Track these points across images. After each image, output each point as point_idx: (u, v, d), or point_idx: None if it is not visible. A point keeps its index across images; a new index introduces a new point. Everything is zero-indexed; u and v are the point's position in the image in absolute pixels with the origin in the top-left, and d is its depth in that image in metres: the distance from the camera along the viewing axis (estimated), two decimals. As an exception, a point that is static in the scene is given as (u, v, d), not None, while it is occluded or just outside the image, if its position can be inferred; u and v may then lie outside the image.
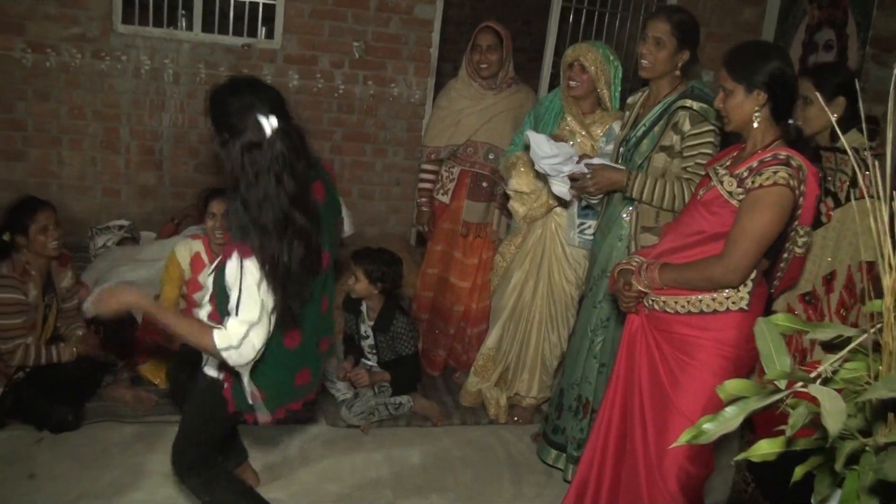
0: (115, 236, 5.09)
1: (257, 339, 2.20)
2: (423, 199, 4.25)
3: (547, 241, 3.77)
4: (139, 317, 3.96)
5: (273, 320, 2.25)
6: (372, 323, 3.90)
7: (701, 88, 3.04)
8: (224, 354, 2.18)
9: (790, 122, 2.42)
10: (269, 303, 2.20)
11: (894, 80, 1.25)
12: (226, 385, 2.43)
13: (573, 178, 3.15)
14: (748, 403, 1.28)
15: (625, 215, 3.18)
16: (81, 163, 5.31)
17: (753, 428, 2.93)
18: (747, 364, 2.49)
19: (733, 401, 1.31)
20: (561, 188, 3.20)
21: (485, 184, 4.09)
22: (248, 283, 2.16)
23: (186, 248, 3.81)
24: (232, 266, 2.18)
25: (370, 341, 3.94)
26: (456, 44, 7.78)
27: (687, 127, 2.98)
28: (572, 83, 3.54)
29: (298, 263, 2.23)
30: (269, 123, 2.17)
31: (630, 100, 3.32)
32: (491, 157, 4.05)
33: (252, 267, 2.16)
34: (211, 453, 2.67)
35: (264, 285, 2.18)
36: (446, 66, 5.97)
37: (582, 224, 3.68)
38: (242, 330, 2.17)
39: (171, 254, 3.82)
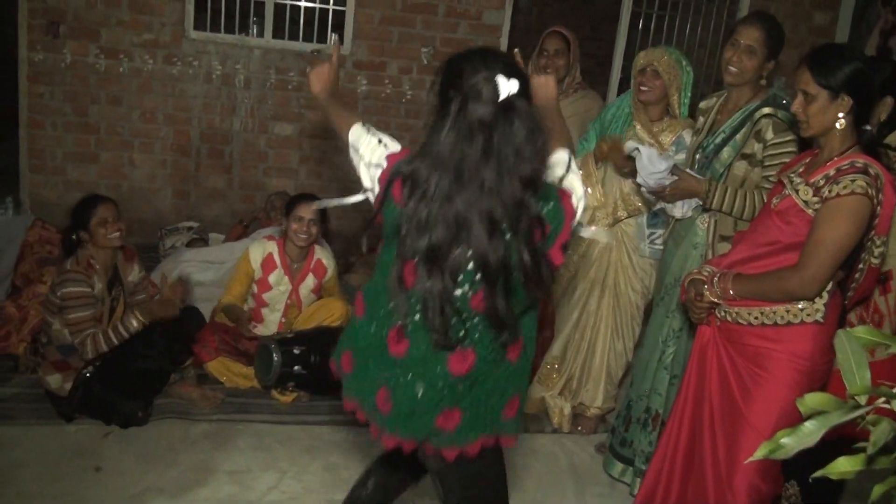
0: (185, 237, 5.20)
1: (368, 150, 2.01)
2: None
3: (613, 251, 3.71)
4: (207, 313, 4.06)
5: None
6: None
7: (782, 97, 2.95)
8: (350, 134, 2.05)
9: (867, 128, 2.32)
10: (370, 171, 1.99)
11: None
12: None
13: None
14: (829, 418, 1.23)
15: (700, 223, 3.11)
16: (152, 165, 5.45)
17: None
18: (821, 378, 2.41)
19: (812, 415, 1.26)
20: (674, 207, 3.15)
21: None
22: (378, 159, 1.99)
23: (260, 249, 3.87)
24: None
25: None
26: (523, 49, 7.75)
27: (770, 135, 2.89)
28: (644, 88, 3.48)
29: (521, 268, 1.85)
30: (508, 85, 1.80)
31: (703, 104, 3.24)
32: (557, 163, 4.01)
33: (383, 163, 1.96)
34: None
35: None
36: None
37: (652, 234, 3.62)
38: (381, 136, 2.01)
39: (245, 253, 3.90)
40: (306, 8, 5.41)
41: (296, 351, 3.70)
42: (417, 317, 1.89)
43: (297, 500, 3.13)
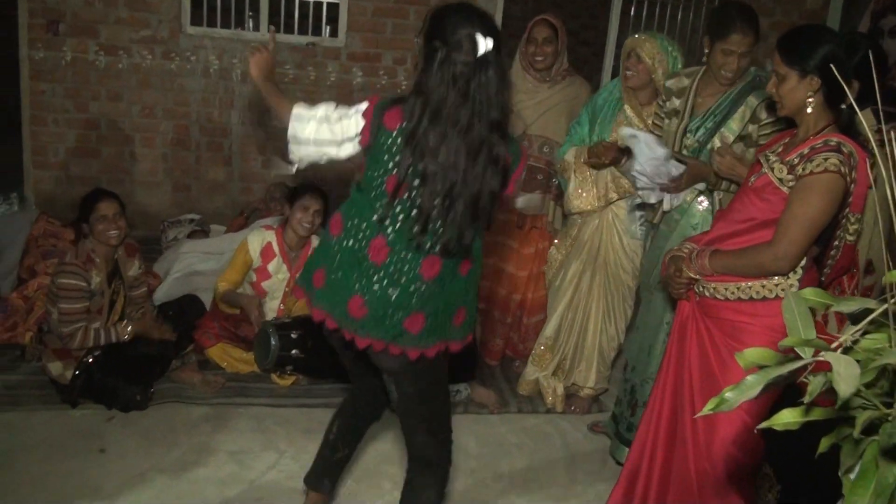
0: (186, 229, 5.29)
1: (314, 126, 2.29)
2: (480, 191, 4.29)
3: (604, 232, 3.78)
4: (208, 301, 4.15)
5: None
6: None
7: (763, 75, 3.03)
8: (290, 124, 2.33)
9: (843, 107, 2.39)
10: (338, 140, 2.27)
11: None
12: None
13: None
14: (769, 372, 1.31)
15: (701, 205, 3.18)
16: (153, 159, 5.55)
17: None
18: (794, 351, 2.48)
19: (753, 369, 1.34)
20: (651, 193, 3.21)
21: (540, 176, 4.10)
22: (354, 111, 2.26)
23: (259, 238, 3.96)
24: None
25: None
26: (518, 39, 7.80)
27: (764, 115, 2.99)
28: (628, 73, 3.56)
29: (487, 195, 2.21)
30: (485, 42, 2.11)
31: (673, 83, 3.27)
32: (546, 149, 4.05)
33: (361, 120, 2.23)
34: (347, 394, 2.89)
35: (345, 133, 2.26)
36: (509, 62, 6.02)
37: (642, 216, 3.69)
38: (319, 111, 2.31)
39: (244, 241, 3.99)
40: (301, 1, 5.50)
41: (293, 335, 3.79)
42: (398, 226, 2.23)
43: (295, 479, 3.20)
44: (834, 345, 1.33)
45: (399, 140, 2.18)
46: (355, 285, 2.27)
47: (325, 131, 2.30)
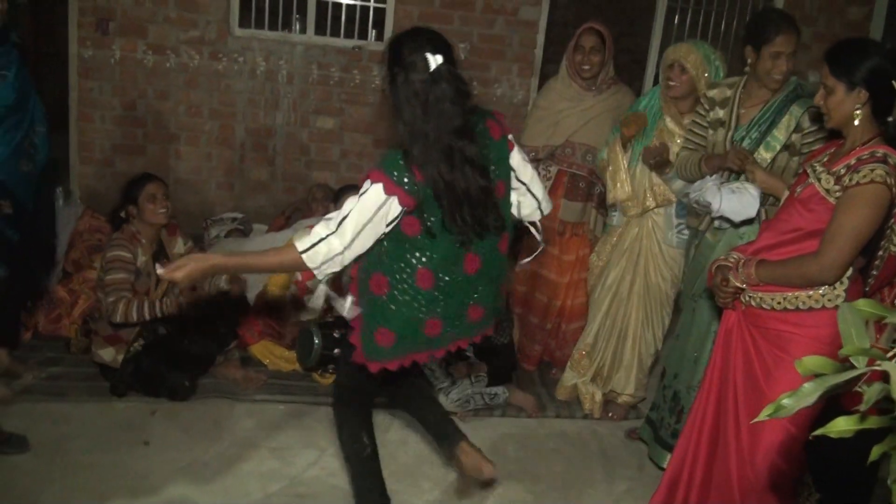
0: (228, 227, 5.35)
1: (330, 248, 2.31)
2: (523, 196, 4.29)
3: (644, 240, 3.78)
4: (251, 299, 4.20)
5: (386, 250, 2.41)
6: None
7: (805, 85, 3.03)
8: (305, 257, 2.33)
9: (889, 119, 2.38)
10: (366, 236, 2.33)
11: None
12: (354, 331, 2.54)
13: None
14: (826, 380, 1.31)
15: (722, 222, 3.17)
16: (197, 158, 5.62)
17: None
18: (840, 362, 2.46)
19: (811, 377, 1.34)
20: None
21: (582, 184, 4.10)
22: (363, 204, 2.29)
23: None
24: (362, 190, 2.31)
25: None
26: (561, 45, 7.79)
27: (807, 124, 2.99)
28: (671, 83, 3.56)
29: (476, 189, 2.35)
30: (435, 59, 2.29)
31: (716, 94, 3.28)
32: (589, 158, 4.05)
33: (374, 193, 2.28)
34: (349, 394, 2.84)
35: (374, 218, 2.30)
36: (551, 68, 6.04)
37: (680, 224, 3.68)
38: (335, 242, 2.31)
39: (289, 241, 4.00)
40: (347, 5, 5.55)
41: (336, 335, 3.81)
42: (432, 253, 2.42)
43: (336, 476, 3.27)
44: (890, 354, 1.33)
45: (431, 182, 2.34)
46: (449, 308, 2.53)
47: (368, 234, 2.33)
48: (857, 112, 2.37)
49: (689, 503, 2.81)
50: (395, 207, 2.30)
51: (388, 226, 2.34)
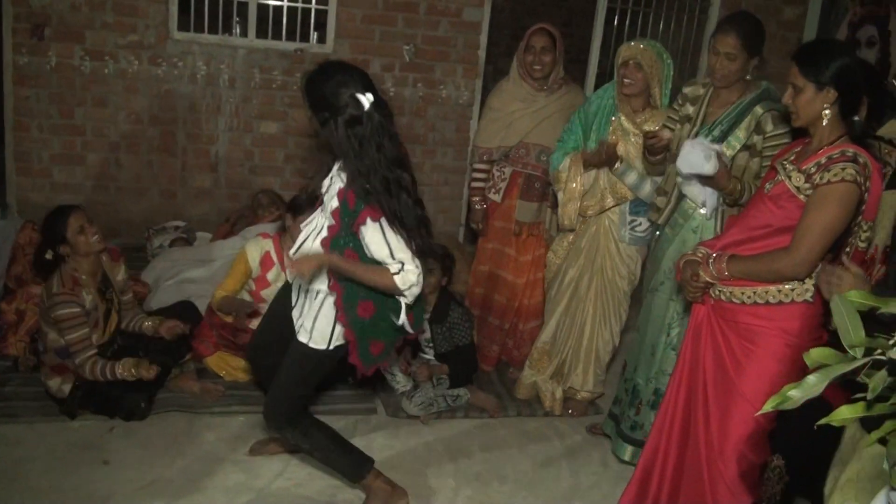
0: (171, 236, 5.23)
1: (416, 272, 2.63)
2: (477, 198, 4.28)
3: (601, 238, 3.82)
4: (202, 308, 4.10)
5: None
6: (428, 316, 3.99)
7: (775, 90, 3.08)
8: (406, 291, 2.63)
9: (855, 118, 2.45)
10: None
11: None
12: (350, 346, 2.79)
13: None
14: (830, 371, 1.34)
15: (704, 210, 3.22)
16: (138, 166, 5.48)
17: None
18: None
19: (816, 368, 1.36)
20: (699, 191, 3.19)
21: (537, 184, 4.12)
22: (389, 235, 2.58)
23: (257, 248, 3.93)
24: (370, 229, 2.59)
25: (426, 335, 4.04)
26: (497, 46, 7.87)
27: (769, 127, 3.04)
28: (627, 81, 3.59)
29: (412, 218, 2.62)
30: (366, 98, 2.48)
31: (689, 91, 3.34)
32: (543, 158, 4.06)
33: (385, 223, 2.57)
34: (304, 405, 3.03)
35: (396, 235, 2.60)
36: (488, 69, 6.07)
37: (633, 221, 3.73)
38: (413, 268, 2.61)
39: (242, 251, 3.94)
40: (289, 7, 5.47)
41: (294, 343, 3.78)
42: None
43: (304, 486, 3.22)
44: (890, 342, 1.37)
45: None
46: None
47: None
48: (826, 111, 2.42)
49: (661, 496, 2.85)
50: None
51: None
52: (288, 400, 2.90)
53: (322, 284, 2.72)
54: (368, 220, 2.56)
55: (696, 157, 2.95)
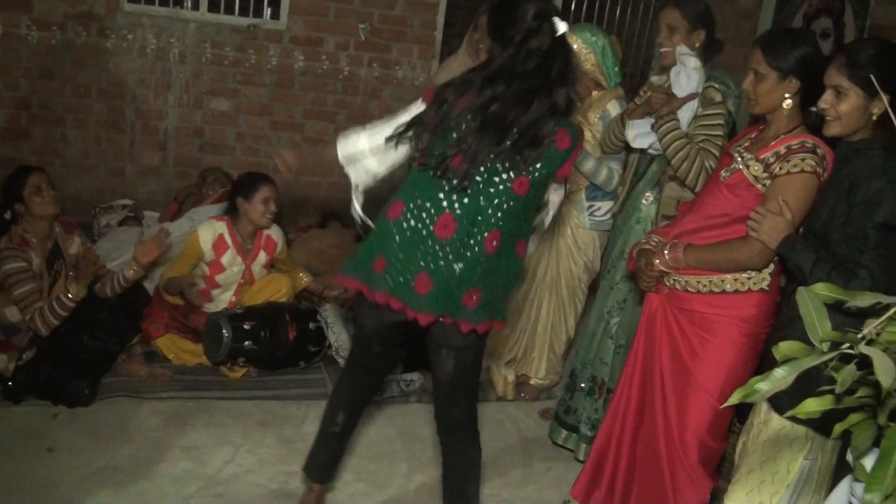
0: (119, 215, 5.10)
1: (353, 142, 2.53)
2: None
3: (556, 226, 3.81)
4: (151, 289, 4.01)
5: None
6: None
7: (718, 75, 3.08)
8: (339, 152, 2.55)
9: (813, 109, 2.45)
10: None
11: None
12: None
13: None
14: (799, 364, 1.34)
15: (644, 200, 3.23)
16: (85, 141, 5.32)
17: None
18: (762, 341, 2.54)
19: (784, 361, 1.36)
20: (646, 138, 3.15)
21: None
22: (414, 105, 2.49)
23: (210, 230, 3.85)
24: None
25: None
26: (453, 27, 7.79)
27: (700, 110, 3.03)
28: None
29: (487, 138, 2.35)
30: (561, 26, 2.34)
31: (655, 79, 3.33)
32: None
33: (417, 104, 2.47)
34: (346, 381, 2.84)
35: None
36: (443, 49, 6.01)
37: (591, 206, 3.72)
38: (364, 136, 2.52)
39: (194, 235, 3.85)
40: (241, -19, 5.36)
41: (246, 326, 3.72)
42: (466, 200, 2.35)
43: (254, 473, 3.17)
44: (858, 336, 1.37)
45: (468, 117, 2.33)
46: (420, 262, 2.37)
47: (377, 134, 2.46)
48: (788, 101, 2.42)
49: (615, 483, 2.86)
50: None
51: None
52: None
53: None
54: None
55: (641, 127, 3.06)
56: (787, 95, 2.41)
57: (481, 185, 2.35)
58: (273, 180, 3.99)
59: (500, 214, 2.37)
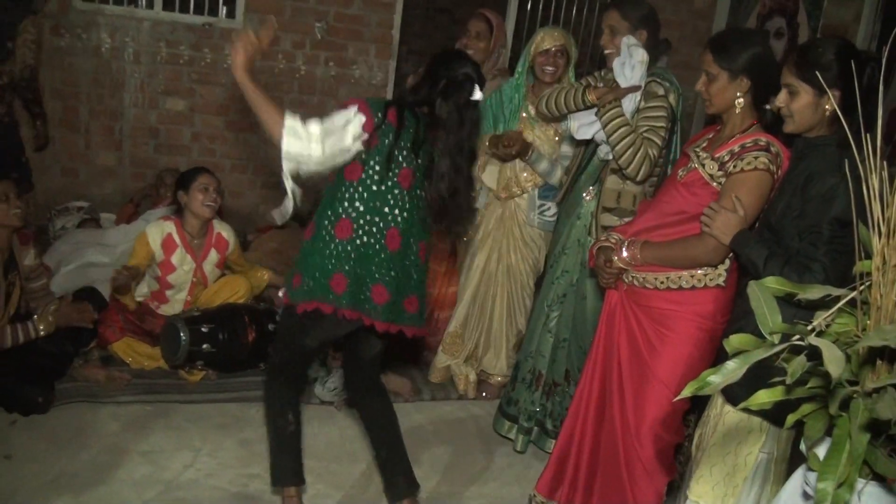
0: (75, 218, 5.04)
1: (321, 146, 2.42)
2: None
3: (506, 222, 3.85)
4: (107, 293, 3.95)
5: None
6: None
7: (661, 72, 3.12)
8: (284, 140, 2.39)
9: (766, 107, 2.50)
10: (349, 144, 2.49)
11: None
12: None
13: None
14: (750, 356, 1.37)
15: (585, 195, 3.28)
16: (39, 142, 5.22)
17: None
18: (720, 336, 2.58)
19: (736, 354, 1.39)
20: (590, 129, 3.17)
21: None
22: (342, 118, 2.48)
23: (158, 230, 3.80)
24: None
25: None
26: (410, 26, 7.80)
27: (642, 103, 3.05)
28: (549, 69, 3.60)
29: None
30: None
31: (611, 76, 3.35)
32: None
33: (361, 116, 2.48)
34: (282, 367, 2.87)
35: (353, 133, 2.49)
36: (400, 49, 6.00)
37: (542, 206, 3.77)
38: (316, 130, 2.41)
39: (143, 234, 3.81)
40: (197, -20, 5.30)
41: (204, 329, 3.68)
42: (406, 214, 2.62)
43: (214, 477, 3.14)
44: (808, 328, 1.41)
45: (405, 137, 2.59)
46: (375, 275, 2.60)
47: (332, 144, 2.45)
48: (740, 100, 2.46)
49: (578, 478, 2.89)
50: (358, 122, 2.48)
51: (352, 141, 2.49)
52: (273, 356, 2.95)
53: None
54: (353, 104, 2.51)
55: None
56: (738, 94, 2.46)
57: (417, 200, 2.66)
58: (210, 170, 3.96)
59: (422, 225, 2.71)
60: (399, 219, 2.61)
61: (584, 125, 3.13)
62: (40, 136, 4.78)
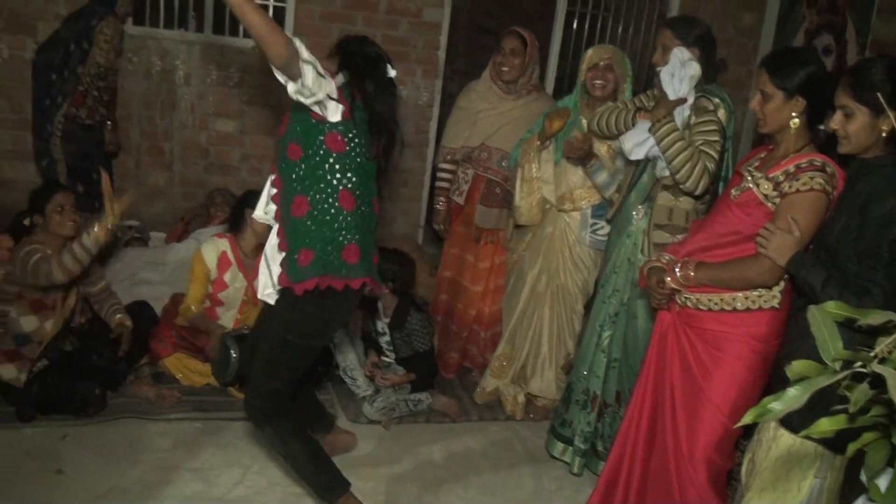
0: (126, 236, 5.11)
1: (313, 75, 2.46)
2: (441, 199, 4.27)
3: (556, 241, 3.82)
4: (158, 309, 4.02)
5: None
6: (388, 320, 3.96)
7: (711, 89, 3.10)
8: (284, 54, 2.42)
9: (821, 127, 2.46)
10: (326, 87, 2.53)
11: None
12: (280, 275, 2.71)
13: None
14: (812, 383, 1.34)
15: (635, 214, 3.25)
16: (93, 164, 5.32)
17: None
18: (772, 358, 2.55)
19: (798, 380, 1.36)
20: (641, 149, 3.14)
21: (498, 190, 4.09)
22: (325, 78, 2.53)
23: (213, 248, 3.85)
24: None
25: (386, 338, 4.01)
26: (455, 47, 7.83)
27: (693, 118, 3.04)
28: (598, 83, 3.59)
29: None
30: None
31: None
32: (504, 163, 4.04)
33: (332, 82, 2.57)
34: (283, 399, 2.86)
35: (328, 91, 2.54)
36: (446, 69, 6.02)
37: (595, 224, 3.74)
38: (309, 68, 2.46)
39: (198, 253, 3.86)
40: (246, 4, 5.37)
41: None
42: (370, 182, 2.78)
43: (263, 495, 3.16)
44: (871, 355, 1.37)
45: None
46: (369, 241, 2.79)
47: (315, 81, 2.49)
48: (795, 120, 2.44)
49: (628, 499, 2.86)
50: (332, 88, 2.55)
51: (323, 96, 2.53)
52: (261, 393, 2.83)
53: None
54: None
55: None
56: (793, 114, 2.43)
57: (371, 167, 2.78)
58: None
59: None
60: (374, 187, 2.79)
61: (637, 145, 3.10)
62: (112, 141, 4.87)
